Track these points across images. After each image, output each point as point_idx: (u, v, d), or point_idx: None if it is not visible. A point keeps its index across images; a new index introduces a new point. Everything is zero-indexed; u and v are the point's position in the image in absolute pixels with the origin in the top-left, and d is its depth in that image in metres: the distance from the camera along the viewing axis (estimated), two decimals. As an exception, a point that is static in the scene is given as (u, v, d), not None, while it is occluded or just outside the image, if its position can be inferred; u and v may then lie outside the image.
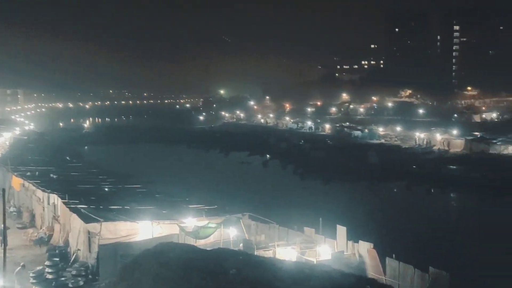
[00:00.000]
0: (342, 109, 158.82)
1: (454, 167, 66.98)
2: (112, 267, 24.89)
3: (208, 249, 23.03)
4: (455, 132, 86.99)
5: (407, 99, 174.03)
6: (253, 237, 31.49)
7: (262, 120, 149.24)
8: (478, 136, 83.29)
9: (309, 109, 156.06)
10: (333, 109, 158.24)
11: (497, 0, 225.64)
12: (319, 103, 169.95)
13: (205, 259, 20.01)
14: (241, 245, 29.17)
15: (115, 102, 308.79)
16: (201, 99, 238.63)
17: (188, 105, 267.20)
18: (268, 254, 27.57)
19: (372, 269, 26.95)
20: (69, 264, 28.04)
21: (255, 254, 25.91)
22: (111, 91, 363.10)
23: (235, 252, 23.23)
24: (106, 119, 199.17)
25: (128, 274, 19.38)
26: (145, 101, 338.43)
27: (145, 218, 29.51)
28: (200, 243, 28.23)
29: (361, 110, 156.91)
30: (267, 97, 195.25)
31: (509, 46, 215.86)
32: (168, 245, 21.51)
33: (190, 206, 35.66)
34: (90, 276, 26.70)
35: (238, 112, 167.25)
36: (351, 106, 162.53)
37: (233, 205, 36.62)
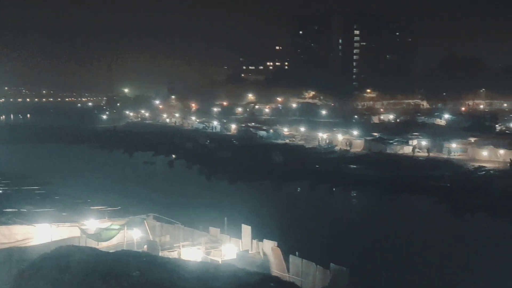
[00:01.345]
0: (248, 109, 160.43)
1: (355, 166, 69.56)
2: (7, 274, 23.62)
3: (111, 251, 22.45)
4: (355, 132, 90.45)
5: (310, 100, 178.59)
6: (158, 238, 31.02)
7: (167, 120, 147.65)
8: (377, 136, 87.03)
9: (215, 109, 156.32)
10: (239, 109, 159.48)
11: (394, 7, 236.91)
12: (225, 103, 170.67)
13: (108, 262, 19.48)
14: (145, 246, 28.66)
15: (11, 100, 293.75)
16: (105, 98, 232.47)
17: (90, 104, 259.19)
18: (173, 255, 27.28)
19: (276, 267, 27.38)
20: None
21: (160, 255, 25.53)
22: (6, 88, 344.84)
23: (139, 254, 22.80)
24: (1, 117, 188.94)
25: (24, 280, 18.48)
26: (44, 99, 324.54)
27: (43, 221, 28.26)
28: (103, 246, 27.44)
29: (266, 110, 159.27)
30: (173, 97, 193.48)
31: (405, 51, 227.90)
32: (68, 249, 20.75)
33: (92, 207, 34.59)
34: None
35: (143, 111, 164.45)
36: (257, 107, 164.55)
37: (137, 206, 35.95)
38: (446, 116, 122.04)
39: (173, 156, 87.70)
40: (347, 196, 60.76)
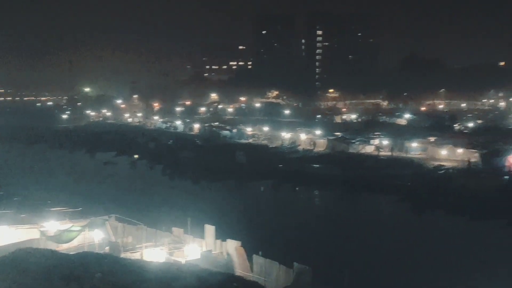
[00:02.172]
0: (211, 109, 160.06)
1: (317, 165, 70.09)
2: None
3: (71, 253, 22.10)
4: (318, 132, 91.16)
5: (274, 100, 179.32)
6: (120, 239, 30.71)
7: (130, 120, 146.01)
8: (339, 136, 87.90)
9: (178, 109, 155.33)
10: (202, 109, 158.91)
11: (357, 8, 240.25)
12: (188, 103, 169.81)
13: (68, 264, 19.17)
14: (107, 248, 28.33)
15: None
16: (65, 97, 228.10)
17: (50, 103, 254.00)
18: (135, 256, 27.06)
19: (239, 267, 27.43)
20: None
21: (122, 256, 25.27)
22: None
23: (101, 255, 22.52)
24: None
25: (-19, 284, 18.00)
26: (1, 98, 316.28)
27: (1, 223, 27.61)
28: (63, 248, 26.99)
29: (230, 110, 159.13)
30: (135, 96, 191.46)
31: (367, 52, 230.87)
32: (27, 251, 20.34)
33: (52, 209, 33.94)
34: None
35: (104, 111, 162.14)
36: (220, 106, 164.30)
37: (99, 207, 35.47)
38: (407, 115, 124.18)
39: (136, 156, 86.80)
40: (310, 195, 61.21)
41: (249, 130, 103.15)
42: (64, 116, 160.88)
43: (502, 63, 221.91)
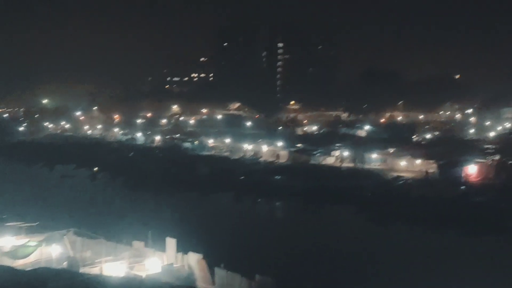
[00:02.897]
0: (173, 121, 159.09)
1: (279, 177, 70.36)
2: None
3: (28, 269, 21.56)
4: (280, 144, 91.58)
5: (235, 112, 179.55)
6: (79, 254, 30.09)
7: (89, 132, 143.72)
8: (301, 147, 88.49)
9: (139, 121, 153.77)
10: (164, 121, 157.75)
11: (316, 21, 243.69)
12: (149, 115, 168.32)
13: (24, 281, 18.68)
14: (65, 263, 27.72)
15: None
16: (22, 109, 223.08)
17: (6, 115, 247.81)
18: (94, 271, 26.56)
19: (201, 280, 27.23)
20: None
21: (81, 272, 24.77)
22: None
23: (58, 271, 22.06)
24: None
25: None
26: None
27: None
28: (19, 264, 26.26)
29: (191, 122, 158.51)
30: (95, 108, 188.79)
31: (327, 64, 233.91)
32: (-19, 268, 19.70)
33: (8, 224, 33.04)
34: None
35: (63, 123, 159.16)
36: (181, 118, 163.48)
37: (56, 221, 34.70)
38: (367, 127, 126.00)
39: (96, 168, 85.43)
40: (271, 206, 61.33)
41: (210, 142, 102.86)
42: (21, 129, 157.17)
43: (457, 76, 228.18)
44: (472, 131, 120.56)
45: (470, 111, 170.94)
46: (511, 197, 52.67)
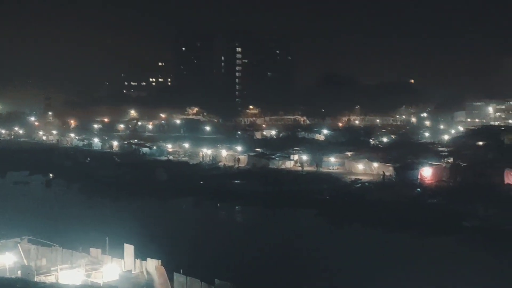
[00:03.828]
0: (130, 126, 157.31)
1: (238, 181, 70.35)
2: None
3: (-21, 279, 20.86)
4: (239, 148, 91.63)
5: (194, 117, 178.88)
6: (33, 262, 29.35)
7: (44, 137, 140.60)
8: (260, 152, 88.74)
9: (96, 126, 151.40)
10: (121, 126, 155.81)
11: (274, 27, 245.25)
12: (106, 120, 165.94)
13: (-24, 291, 18.07)
14: (19, 272, 26.97)
15: None
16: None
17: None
18: (49, 279, 25.95)
19: (160, 286, 26.93)
20: None
21: (35, 280, 24.16)
22: None
23: (12, 280, 21.47)
24: None
25: None
26: None
27: None
28: (-30, 274, 25.45)
29: (150, 127, 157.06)
30: (50, 113, 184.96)
31: (285, 69, 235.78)
32: None
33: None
34: None
35: (16, 128, 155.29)
36: (139, 123, 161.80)
37: (9, 229, 33.77)
38: (325, 131, 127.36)
39: (51, 175, 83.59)
40: (231, 211, 61.26)
41: (169, 147, 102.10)
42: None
43: (412, 81, 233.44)
44: (426, 134, 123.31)
45: (424, 114, 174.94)
46: (464, 199, 53.97)
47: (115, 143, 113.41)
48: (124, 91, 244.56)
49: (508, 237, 43.88)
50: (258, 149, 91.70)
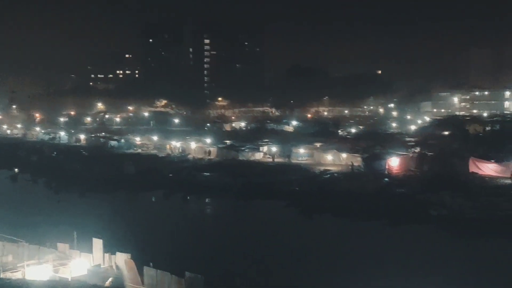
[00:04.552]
0: (98, 119, 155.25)
1: (208, 174, 70.13)
2: None
3: None
4: (208, 140, 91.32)
5: (162, 109, 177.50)
6: (-1, 259, 28.80)
7: (8, 131, 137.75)
8: (229, 144, 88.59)
9: (62, 119, 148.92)
10: (88, 119, 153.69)
11: (242, 18, 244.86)
12: (73, 113, 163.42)
13: None
14: (-16, 269, 26.45)
15: None
16: None
17: None
18: (16, 275, 25.51)
19: (130, 280, 26.71)
20: None
21: (1, 277, 23.73)
22: None
23: (-23, 277, 20.99)
24: None
25: None
26: None
27: None
28: None
29: (117, 119, 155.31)
30: (14, 107, 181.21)
31: (254, 61, 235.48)
32: None
33: None
34: None
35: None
36: (107, 116, 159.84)
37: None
38: (294, 123, 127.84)
39: (16, 170, 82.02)
40: (201, 203, 61.10)
41: (137, 140, 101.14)
42: None
43: (379, 72, 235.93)
44: (394, 124, 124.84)
45: (392, 105, 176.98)
46: (431, 188, 54.85)
47: (82, 137, 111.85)
48: (91, 83, 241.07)
49: (472, 225, 44.82)
50: (227, 141, 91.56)
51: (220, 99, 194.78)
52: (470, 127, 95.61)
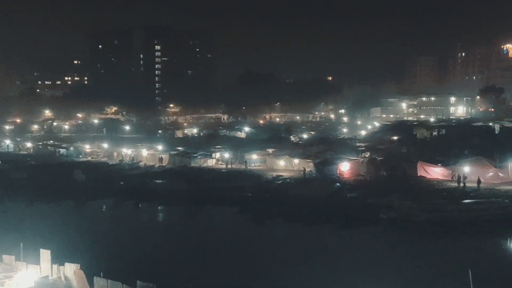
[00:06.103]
0: (45, 127, 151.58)
1: (160, 181, 69.46)
2: None
3: None
4: (160, 147, 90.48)
5: (113, 116, 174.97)
6: None
7: None
8: (181, 150, 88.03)
9: (7, 127, 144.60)
10: (35, 127, 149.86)
11: (193, 24, 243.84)
12: (18, 120, 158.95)
13: None
14: None
15: None
16: None
17: None
18: (-42, 290, 24.49)
19: (79, 291, 26.05)
20: None
21: None
22: None
23: None
24: None
25: None
26: None
27: None
28: None
29: (66, 127, 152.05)
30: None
31: (205, 67, 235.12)
32: None
33: None
34: None
35: None
36: (55, 123, 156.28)
37: None
38: (246, 129, 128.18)
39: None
40: (153, 211, 60.36)
41: (87, 147, 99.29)
42: None
43: (329, 78, 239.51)
44: (345, 130, 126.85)
45: (342, 111, 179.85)
46: (380, 192, 55.95)
47: (29, 145, 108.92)
48: (38, 90, 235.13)
49: (419, 227, 46.01)
50: (179, 148, 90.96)
51: (171, 105, 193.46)
52: (418, 132, 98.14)
